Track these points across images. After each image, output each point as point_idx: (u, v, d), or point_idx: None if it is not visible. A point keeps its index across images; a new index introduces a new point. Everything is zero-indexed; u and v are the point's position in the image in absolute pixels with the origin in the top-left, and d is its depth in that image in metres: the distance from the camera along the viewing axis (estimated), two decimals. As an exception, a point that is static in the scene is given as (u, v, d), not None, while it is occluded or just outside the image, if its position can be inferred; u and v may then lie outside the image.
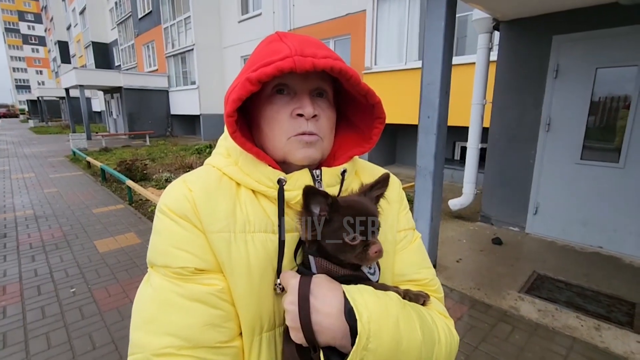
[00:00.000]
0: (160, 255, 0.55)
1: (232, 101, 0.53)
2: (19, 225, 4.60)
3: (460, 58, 5.94)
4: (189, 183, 0.59)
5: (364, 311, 0.46)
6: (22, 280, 3.12)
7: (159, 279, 0.54)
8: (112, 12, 23.34)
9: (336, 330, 0.46)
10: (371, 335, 0.45)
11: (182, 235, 0.55)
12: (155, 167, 8.47)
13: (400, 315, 0.49)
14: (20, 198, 5.99)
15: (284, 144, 0.58)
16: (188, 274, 0.53)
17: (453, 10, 2.72)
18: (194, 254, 0.54)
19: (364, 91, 0.59)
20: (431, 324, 0.54)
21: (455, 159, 7.57)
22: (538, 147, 3.82)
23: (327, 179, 0.62)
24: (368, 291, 0.50)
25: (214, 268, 0.55)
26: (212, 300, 0.53)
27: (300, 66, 0.51)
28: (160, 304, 0.52)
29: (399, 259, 0.68)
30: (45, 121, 32.08)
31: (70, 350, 2.21)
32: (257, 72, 0.52)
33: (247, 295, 0.54)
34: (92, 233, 4.28)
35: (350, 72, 0.56)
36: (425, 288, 0.66)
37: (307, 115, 0.57)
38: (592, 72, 3.40)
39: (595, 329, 2.35)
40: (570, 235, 3.74)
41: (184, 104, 16.03)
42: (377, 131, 0.65)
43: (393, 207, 0.70)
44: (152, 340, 0.50)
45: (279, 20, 10.76)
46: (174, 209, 0.56)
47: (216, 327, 0.52)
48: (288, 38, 0.57)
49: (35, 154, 11.68)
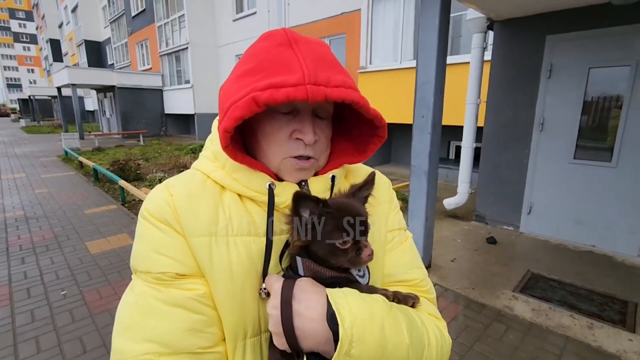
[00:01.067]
0: (141, 260, 0.54)
1: (233, 118, 0.49)
2: (8, 226, 4.52)
3: (454, 57, 5.95)
4: (171, 187, 0.58)
5: (347, 315, 0.44)
6: (11, 283, 3.07)
7: (141, 284, 0.53)
8: (105, 10, 23.11)
9: (319, 336, 0.45)
10: (354, 341, 0.43)
11: (163, 240, 0.54)
12: (149, 167, 8.40)
13: (386, 319, 0.47)
14: (11, 198, 5.90)
15: (279, 162, 0.57)
16: (168, 279, 0.52)
17: (447, 10, 2.72)
18: (174, 259, 0.53)
19: (372, 116, 0.57)
20: (420, 327, 0.53)
21: (450, 158, 7.60)
22: (532, 147, 3.84)
23: (316, 187, 0.61)
24: (353, 294, 0.48)
25: (196, 273, 0.54)
26: (194, 306, 0.52)
27: (312, 98, 0.49)
28: (141, 310, 0.51)
29: (388, 259, 0.66)
30: (37, 120, 31.71)
31: (60, 354, 2.17)
32: (265, 94, 0.48)
33: (229, 300, 0.53)
34: (83, 234, 4.23)
35: (361, 102, 0.53)
36: (415, 289, 0.65)
37: (308, 142, 0.55)
38: (585, 71, 3.42)
39: (589, 328, 2.36)
40: (563, 234, 3.76)
41: (178, 103, 15.93)
42: (374, 147, 0.64)
43: (383, 207, 0.69)
44: (131, 347, 0.49)
45: (274, 19, 10.72)
46: (154, 214, 0.55)
47: (198, 332, 0.51)
48: (300, 47, 0.53)
49: (27, 154, 11.53)
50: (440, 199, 4.91)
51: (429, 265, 3.22)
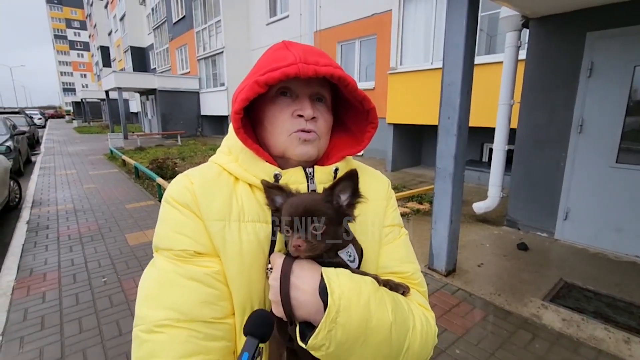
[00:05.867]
0: (164, 239, 0.61)
1: (240, 100, 0.59)
2: (60, 217, 4.96)
3: (489, 57, 5.75)
4: (191, 177, 0.65)
5: (336, 289, 0.50)
6: (60, 269, 3.37)
7: (162, 260, 0.60)
8: (149, 18, 24.50)
9: (311, 306, 0.51)
10: (341, 310, 0.49)
11: (184, 222, 0.61)
12: (185, 165, 8.82)
13: (372, 296, 0.53)
14: (63, 193, 6.45)
15: (285, 139, 0.64)
16: (187, 256, 0.59)
17: (475, 10, 2.67)
18: (193, 239, 0.59)
19: (360, 97, 0.65)
20: (406, 311, 0.57)
21: (484, 160, 7.32)
22: (569, 150, 3.64)
23: (319, 177, 0.67)
24: (344, 273, 0.54)
25: (211, 252, 0.60)
26: (208, 280, 0.58)
27: (303, 72, 0.58)
28: (162, 282, 0.58)
29: (383, 252, 0.71)
30: (88, 121, 34.20)
31: (99, 335, 2.37)
32: (264, 76, 0.58)
33: (238, 277, 0.60)
34: (124, 227, 4.55)
35: (348, 79, 0.62)
36: (407, 281, 0.68)
37: (307, 117, 0.63)
38: (630, 70, 3.20)
39: (625, 342, 2.22)
40: (603, 242, 3.53)
41: (213, 104, 16.58)
42: (369, 135, 0.70)
43: (379, 204, 0.74)
44: (153, 314, 0.55)
45: (306, 22, 10.88)
46: (177, 199, 0.62)
47: (211, 304, 0.57)
48: (293, 47, 0.63)
49: (78, 152, 12.49)
50: (470, 202, 4.78)
51: (453, 269, 3.15)
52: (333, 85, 0.67)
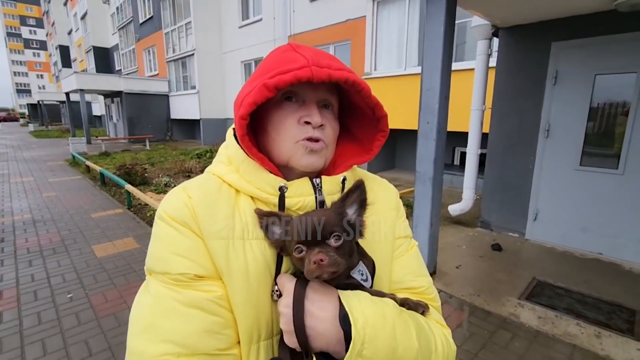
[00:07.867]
0: (159, 262, 0.55)
1: (247, 104, 0.53)
2: (16, 229, 4.58)
3: (459, 64, 5.97)
4: (189, 190, 0.59)
5: (359, 317, 0.46)
6: (19, 285, 3.10)
7: (158, 285, 0.53)
8: (114, 17, 23.47)
9: (330, 336, 0.46)
10: (366, 342, 0.44)
11: (182, 242, 0.54)
12: (155, 171, 8.47)
13: (397, 322, 0.48)
14: (19, 202, 5.98)
15: (290, 147, 0.59)
16: (187, 281, 0.53)
17: (452, 17, 2.74)
18: (193, 261, 0.53)
19: (373, 104, 0.61)
20: (428, 333, 0.54)
21: (455, 164, 7.58)
22: (537, 153, 3.83)
23: (327, 187, 0.62)
24: (364, 297, 0.49)
25: (213, 275, 0.54)
26: (211, 307, 0.52)
27: (317, 76, 0.53)
28: (159, 311, 0.51)
29: (395, 266, 0.67)
30: (45, 125, 32.16)
31: (66, 357, 2.18)
32: (274, 79, 0.53)
33: (245, 302, 0.54)
34: (90, 238, 4.27)
35: (362, 84, 0.58)
36: (422, 296, 0.66)
37: (315, 124, 0.58)
38: (591, 78, 3.42)
39: (596, 337, 2.33)
40: (570, 241, 3.73)
41: (184, 108, 16.08)
42: (379, 143, 0.66)
43: (389, 215, 0.70)
44: (150, 348, 0.49)
45: (279, 26, 10.83)
46: (173, 216, 0.56)
47: (215, 334, 0.52)
48: (302, 49, 0.58)
49: (35, 158, 11.68)
50: (445, 205, 4.89)
51: (434, 272, 3.21)
52: (340, 91, 0.63)
